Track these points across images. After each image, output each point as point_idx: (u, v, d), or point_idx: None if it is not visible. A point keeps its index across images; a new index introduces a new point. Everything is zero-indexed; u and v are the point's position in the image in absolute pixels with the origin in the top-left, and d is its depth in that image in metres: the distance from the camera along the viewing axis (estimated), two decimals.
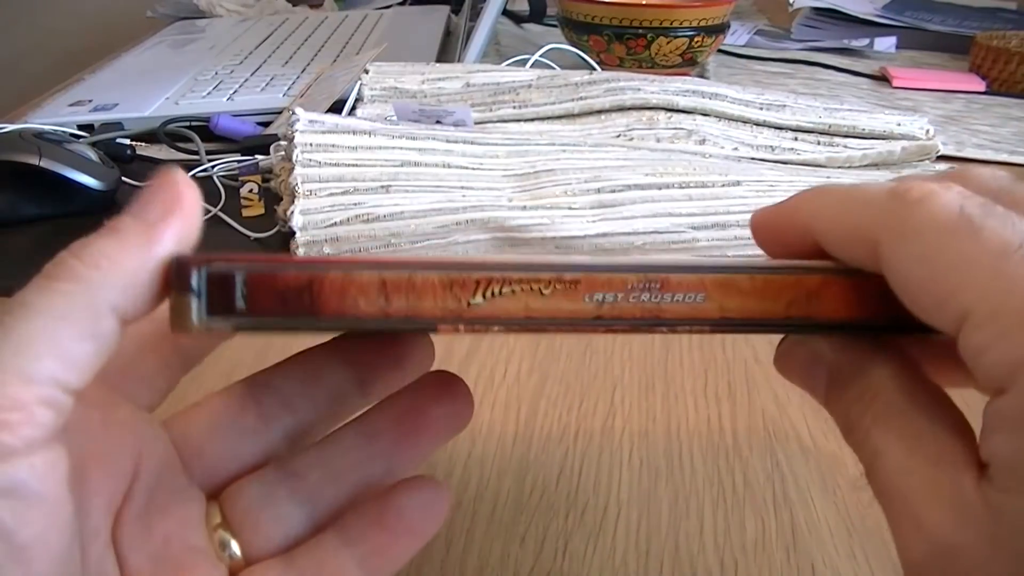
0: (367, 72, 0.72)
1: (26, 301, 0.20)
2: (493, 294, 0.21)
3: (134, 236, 0.22)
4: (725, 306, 0.22)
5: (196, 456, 0.27)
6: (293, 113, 0.56)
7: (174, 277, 0.21)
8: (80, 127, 0.75)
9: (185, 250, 0.22)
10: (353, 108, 0.70)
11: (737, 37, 1.15)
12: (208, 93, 0.82)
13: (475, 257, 0.21)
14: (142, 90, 0.83)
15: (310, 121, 0.55)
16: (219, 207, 0.62)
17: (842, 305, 0.22)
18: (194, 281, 0.21)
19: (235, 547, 0.26)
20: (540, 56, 0.85)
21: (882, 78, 1.01)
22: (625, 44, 0.89)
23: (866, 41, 1.14)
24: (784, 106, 0.68)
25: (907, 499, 0.20)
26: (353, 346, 0.29)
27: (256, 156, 0.68)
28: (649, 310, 0.21)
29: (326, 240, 0.52)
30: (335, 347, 0.29)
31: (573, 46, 0.93)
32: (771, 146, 0.67)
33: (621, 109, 0.67)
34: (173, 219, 0.22)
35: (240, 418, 0.27)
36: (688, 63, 0.92)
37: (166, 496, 0.25)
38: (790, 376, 0.25)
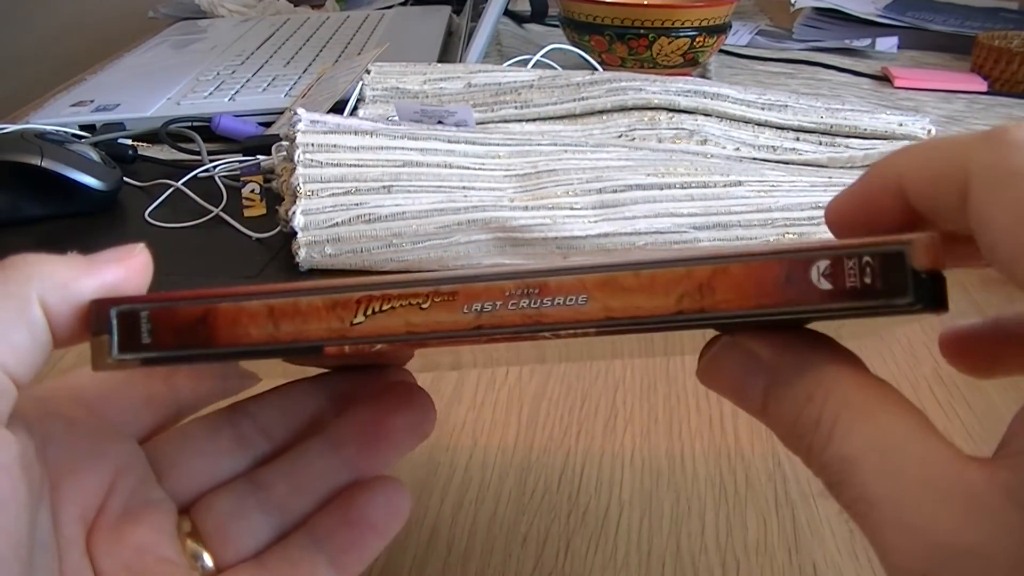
0: (369, 72, 0.72)
1: None
2: (374, 311, 0.22)
3: (78, 262, 0.23)
4: (609, 306, 0.21)
5: (169, 470, 0.27)
6: (295, 113, 0.56)
7: (93, 318, 0.22)
8: (82, 127, 0.75)
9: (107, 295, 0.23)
10: (355, 108, 0.70)
11: (739, 37, 1.15)
12: (210, 93, 0.82)
13: (360, 279, 0.22)
14: (144, 90, 0.83)
15: (312, 121, 0.55)
16: (221, 207, 0.62)
17: (739, 295, 0.20)
18: (110, 321, 0.22)
19: (207, 558, 0.27)
20: (542, 56, 0.84)
21: (884, 78, 1.01)
22: (627, 44, 0.89)
23: (868, 41, 1.14)
24: (786, 106, 0.68)
25: (895, 504, 0.18)
26: (333, 381, 0.30)
27: (258, 156, 0.68)
28: (530, 316, 0.21)
29: (328, 240, 0.52)
30: (317, 380, 0.30)
31: (575, 46, 0.93)
32: (773, 146, 0.67)
33: (623, 109, 0.67)
34: (115, 265, 0.24)
35: (215, 439, 0.28)
36: (690, 63, 0.92)
37: (139, 509, 0.26)
38: (718, 385, 0.23)
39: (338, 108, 0.70)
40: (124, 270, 0.24)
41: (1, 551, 0.20)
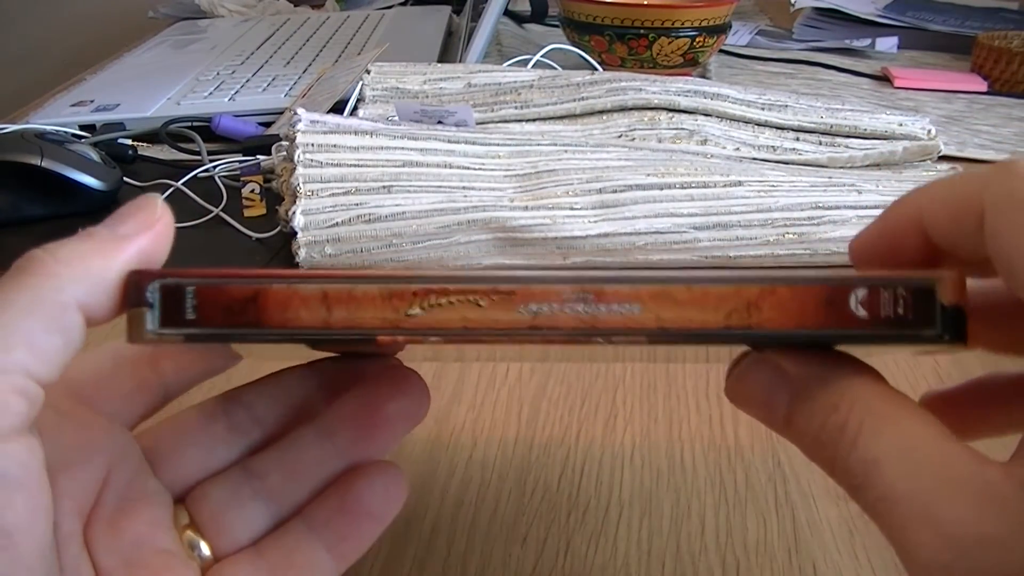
0: (369, 72, 0.72)
1: None
2: (431, 305, 0.22)
3: (103, 242, 0.23)
4: (662, 317, 0.22)
5: (164, 461, 0.27)
6: (295, 113, 0.56)
7: (131, 290, 0.22)
8: (82, 127, 0.75)
9: (147, 266, 0.23)
10: (355, 108, 0.70)
11: (739, 37, 1.15)
12: (210, 93, 0.82)
13: (415, 270, 0.22)
14: (144, 90, 0.83)
15: (312, 121, 0.55)
16: (221, 207, 0.62)
17: (782, 315, 0.21)
18: (148, 294, 0.22)
19: (204, 547, 0.27)
20: (542, 56, 0.84)
21: (884, 78, 1.01)
22: (627, 44, 0.89)
23: (868, 41, 1.14)
24: (786, 106, 0.68)
25: (919, 500, 0.19)
26: (325, 367, 0.30)
27: (258, 156, 0.68)
28: (584, 321, 0.22)
29: (328, 240, 0.52)
30: (309, 369, 0.30)
31: (575, 46, 0.93)
32: (773, 146, 0.67)
33: (623, 109, 0.67)
34: (142, 235, 0.23)
35: (209, 428, 0.28)
36: (690, 63, 0.92)
37: (135, 500, 0.26)
38: (746, 402, 0.25)
39: (338, 108, 0.70)
40: (151, 240, 0.23)
41: (30, 561, 0.20)
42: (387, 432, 0.29)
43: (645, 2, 0.93)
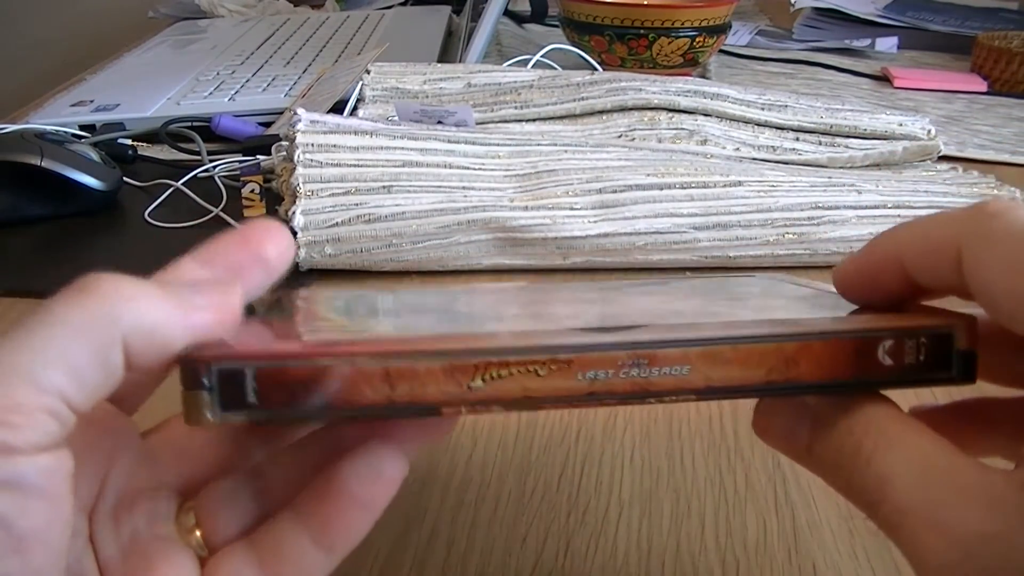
0: (369, 72, 0.72)
1: (51, 308, 0.21)
2: (492, 377, 0.22)
3: (174, 300, 0.22)
4: (709, 376, 0.23)
5: (172, 456, 0.27)
6: (295, 113, 0.56)
7: (185, 373, 0.22)
8: (82, 127, 0.75)
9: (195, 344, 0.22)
10: (355, 108, 0.70)
11: (739, 37, 1.15)
12: (210, 93, 0.82)
13: (473, 339, 0.23)
14: (144, 90, 0.83)
15: (312, 121, 0.55)
16: (221, 208, 0.62)
17: (818, 368, 0.23)
18: (206, 378, 0.21)
19: (199, 538, 0.26)
20: (541, 56, 0.84)
21: (883, 78, 1.01)
22: (627, 44, 0.89)
23: (867, 41, 1.14)
24: (786, 106, 0.68)
25: (928, 507, 0.21)
26: None
27: (258, 156, 0.68)
28: (639, 384, 0.23)
29: (327, 240, 0.52)
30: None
31: (574, 46, 0.93)
32: (773, 146, 0.67)
33: (623, 109, 0.67)
34: (212, 314, 0.23)
35: (226, 437, 0.28)
36: (690, 63, 0.92)
37: (136, 492, 0.26)
38: (772, 435, 0.26)
39: (338, 108, 0.70)
40: (217, 316, 0.23)
41: (42, 568, 0.20)
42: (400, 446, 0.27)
43: (645, 2, 0.93)
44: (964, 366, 0.24)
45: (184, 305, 0.22)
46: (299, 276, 0.54)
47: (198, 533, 0.26)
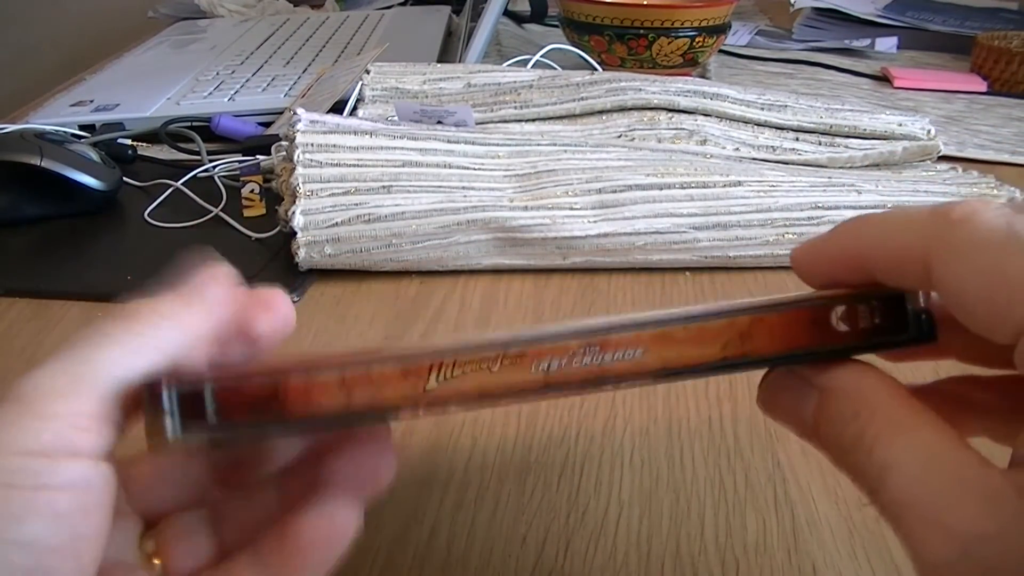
0: (368, 72, 0.72)
1: (102, 329, 0.23)
2: (446, 377, 0.22)
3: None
4: (664, 357, 0.23)
5: (137, 486, 0.27)
6: (294, 113, 0.56)
7: (147, 398, 0.22)
8: (81, 127, 0.75)
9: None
10: (354, 108, 0.70)
11: (738, 37, 1.15)
12: (209, 93, 0.82)
13: (425, 343, 0.23)
14: (143, 90, 0.83)
15: (311, 121, 0.55)
16: (220, 207, 0.62)
17: (773, 340, 0.23)
18: (165, 401, 0.22)
19: (158, 565, 0.27)
20: (541, 56, 0.84)
21: (883, 78, 1.01)
22: (626, 44, 0.89)
23: (867, 41, 1.14)
24: (785, 106, 0.68)
25: (927, 504, 0.20)
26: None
27: (257, 156, 0.68)
28: (594, 371, 0.23)
29: (327, 240, 0.52)
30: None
31: (574, 46, 0.93)
32: (772, 146, 0.67)
33: (622, 109, 0.67)
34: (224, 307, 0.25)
35: (192, 470, 0.28)
36: (689, 63, 0.92)
37: None
38: (777, 413, 0.26)
39: (338, 108, 0.70)
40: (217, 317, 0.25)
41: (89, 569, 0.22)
42: (343, 493, 0.27)
43: (645, 2, 0.93)
44: (921, 325, 0.24)
45: (208, 328, 0.24)
46: (299, 276, 0.54)
47: (157, 562, 0.27)
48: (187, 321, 0.24)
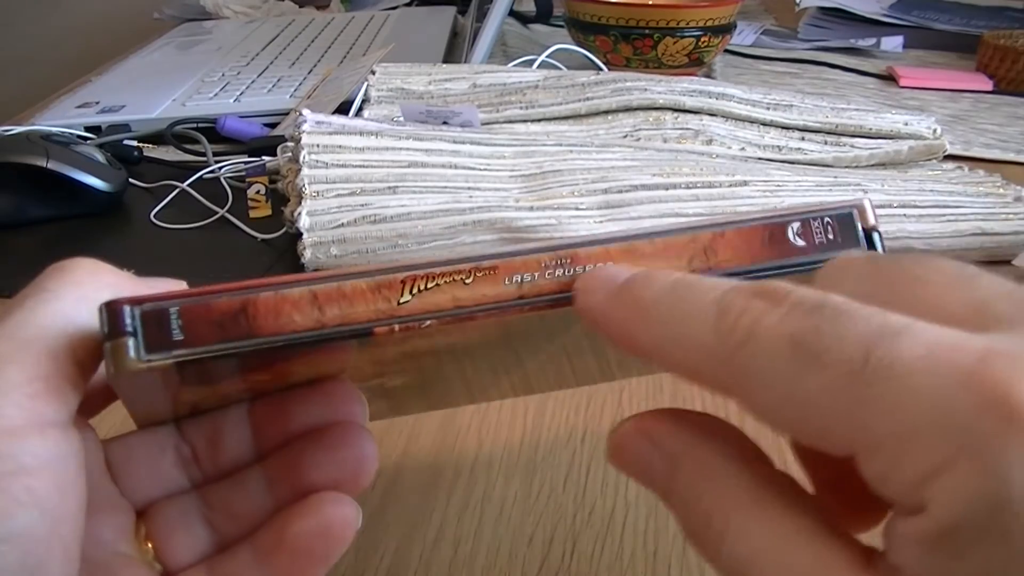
0: (374, 73, 0.72)
1: (43, 285, 0.22)
2: (420, 290, 0.23)
3: (135, 279, 0.24)
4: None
5: (130, 475, 0.27)
6: (300, 114, 0.56)
7: (106, 323, 0.21)
8: (87, 129, 0.75)
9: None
10: (360, 109, 0.70)
11: (744, 37, 1.15)
12: (215, 94, 0.82)
13: (401, 260, 0.23)
14: (149, 92, 0.84)
15: (317, 122, 0.55)
16: (226, 209, 0.62)
17: (735, 254, 0.24)
18: (127, 321, 0.21)
19: (151, 553, 0.26)
20: (547, 57, 0.85)
21: (889, 77, 1.01)
22: (631, 44, 0.89)
23: (873, 41, 1.14)
24: (791, 106, 0.68)
25: None
26: (264, 410, 0.28)
27: (263, 157, 0.68)
28: (565, 283, 0.23)
29: (333, 241, 0.52)
30: (248, 410, 0.28)
31: (579, 46, 0.93)
32: (778, 146, 0.67)
33: (628, 109, 0.67)
34: (169, 285, 0.24)
35: (159, 460, 0.27)
36: (695, 63, 0.92)
37: (101, 503, 0.25)
38: (627, 472, 0.23)
39: (343, 109, 0.70)
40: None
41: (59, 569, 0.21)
42: (338, 451, 0.27)
43: (650, 2, 0.93)
44: (871, 241, 0.25)
45: (147, 286, 0.23)
46: None
47: (150, 548, 0.26)
48: (131, 281, 0.23)
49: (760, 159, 0.65)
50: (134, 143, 0.72)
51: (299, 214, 0.52)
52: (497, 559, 0.34)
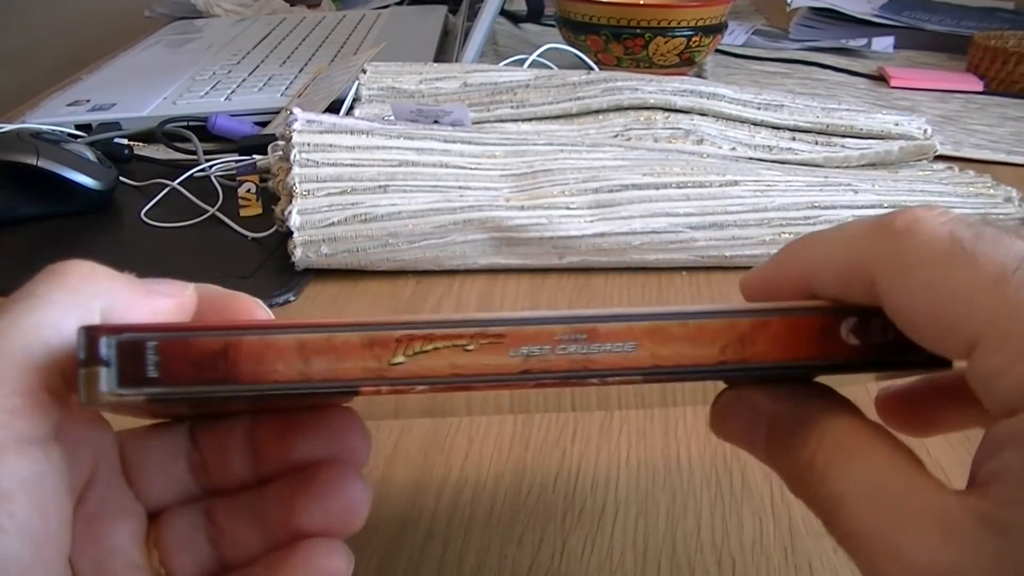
0: (365, 72, 0.72)
1: (32, 291, 0.21)
2: (415, 352, 0.21)
3: (136, 285, 0.23)
4: (657, 354, 0.21)
5: (145, 478, 0.26)
6: (291, 113, 0.56)
7: (83, 348, 0.20)
8: (78, 127, 0.75)
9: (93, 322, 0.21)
10: (351, 108, 0.70)
11: (735, 37, 1.15)
12: (206, 93, 0.82)
13: (396, 316, 0.21)
14: (140, 90, 0.83)
15: (308, 121, 0.55)
16: (217, 207, 0.62)
17: (776, 347, 0.21)
18: (103, 351, 0.20)
19: (159, 567, 0.26)
20: (538, 56, 0.84)
21: (880, 78, 1.01)
22: (623, 44, 0.89)
23: (864, 41, 1.14)
24: (782, 106, 0.68)
25: (882, 535, 0.20)
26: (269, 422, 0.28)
27: (254, 156, 0.68)
28: (578, 361, 0.21)
29: (323, 240, 0.52)
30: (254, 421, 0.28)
31: (571, 46, 0.93)
32: (769, 146, 0.67)
33: (619, 109, 0.67)
34: (168, 299, 0.23)
35: (170, 465, 0.27)
36: (686, 63, 0.92)
37: (115, 507, 0.25)
38: (729, 435, 0.25)
39: (334, 108, 0.70)
40: (176, 301, 0.23)
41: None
42: (327, 500, 0.26)
43: (641, 2, 0.93)
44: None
45: (148, 290, 0.23)
46: (295, 275, 0.54)
47: (156, 554, 0.26)
48: (130, 284, 0.22)
49: (751, 159, 0.65)
50: (124, 141, 0.72)
51: (289, 213, 0.52)
52: (487, 559, 0.34)
